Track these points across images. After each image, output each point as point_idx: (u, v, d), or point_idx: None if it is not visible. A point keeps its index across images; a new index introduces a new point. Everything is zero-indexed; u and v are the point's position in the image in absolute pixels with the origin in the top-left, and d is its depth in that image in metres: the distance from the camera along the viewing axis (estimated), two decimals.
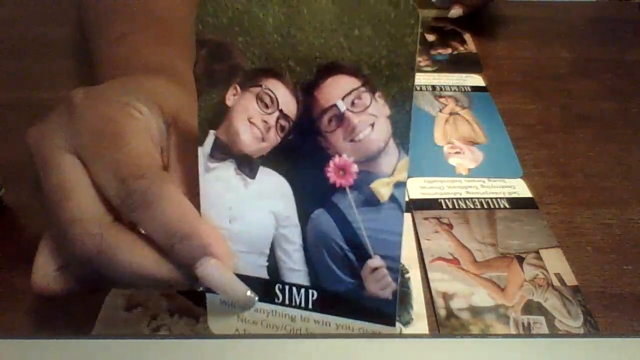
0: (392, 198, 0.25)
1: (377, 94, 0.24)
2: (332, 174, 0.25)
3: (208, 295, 0.28)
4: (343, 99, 0.25)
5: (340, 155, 0.25)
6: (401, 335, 0.28)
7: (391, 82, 0.24)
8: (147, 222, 0.25)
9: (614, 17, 0.69)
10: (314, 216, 0.26)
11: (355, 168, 0.25)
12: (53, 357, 0.25)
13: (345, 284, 0.27)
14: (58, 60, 0.58)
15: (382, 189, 0.25)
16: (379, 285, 0.26)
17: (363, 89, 0.24)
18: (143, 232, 0.26)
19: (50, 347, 0.25)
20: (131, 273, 0.25)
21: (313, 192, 0.26)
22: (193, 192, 0.27)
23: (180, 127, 0.29)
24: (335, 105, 0.25)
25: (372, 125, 0.25)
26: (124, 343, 0.26)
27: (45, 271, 0.27)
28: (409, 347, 0.26)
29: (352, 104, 0.25)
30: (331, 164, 0.25)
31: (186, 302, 0.34)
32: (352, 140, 0.25)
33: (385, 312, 0.26)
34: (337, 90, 0.25)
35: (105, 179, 0.25)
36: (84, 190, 0.26)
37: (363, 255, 0.26)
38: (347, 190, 0.26)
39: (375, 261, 0.26)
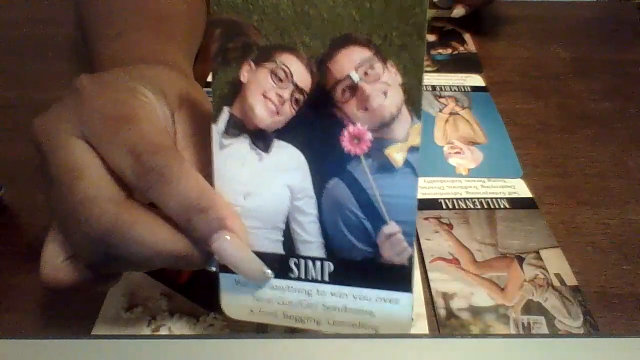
0: (406, 163, 0.26)
1: (389, 63, 0.25)
2: (346, 143, 0.26)
3: (221, 275, 0.28)
4: (356, 69, 0.25)
5: (354, 124, 0.26)
6: (401, 335, 0.28)
7: (402, 51, 0.25)
8: (164, 197, 0.25)
9: (613, 17, 0.69)
10: (329, 186, 0.27)
11: (369, 136, 0.26)
12: (53, 357, 0.25)
13: (361, 252, 0.27)
14: (58, 60, 0.58)
15: (396, 154, 0.26)
16: (395, 250, 0.26)
17: (375, 59, 0.25)
18: (156, 209, 0.26)
19: (50, 347, 0.25)
20: (146, 250, 0.25)
21: (328, 162, 0.27)
22: (202, 174, 0.27)
23: (185, 112, 0.29)
24: (349, 76, 0.26)
25: (385, 93, 0.26)
26: (124, 343, 0.26)
27: (54, 262, 0.27)
28: (409, 347, 0.26)
29: (365, 74, 0.26)
30: (345, 133, 0.26)
31: (186, 302, 0.34)
32: (365, 109, 0.26)
33: (401, 278, 0.27)
34: (350, 61, 0.25)
35: (120, 158, 0.26)
36: (95, 170, 0.26)
37: (378, 221, 0.26)
38: (362, 157, 0.26)
39: (391, 227, 0.26)
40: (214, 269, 0.28)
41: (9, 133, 0.48)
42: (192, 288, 0.34)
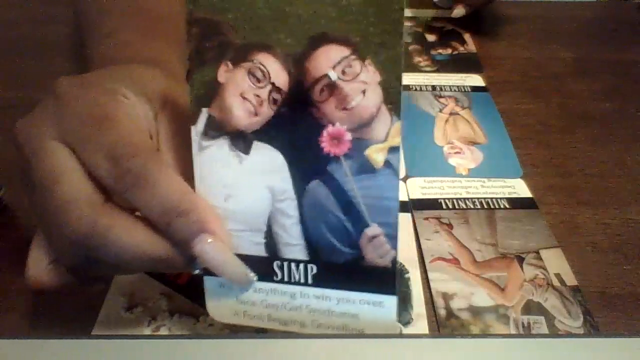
0: (387, 164, 0.26)
1: (367, 61, 0.25)
2: (326, 144, 0.26)
3: (206, 278, 0.28)
4: (334, 68, 0.25)
5: (333, 124, 0.26)
6: (401, 335, 0.28)
7: (380, 48, 0.24)
8: (143, 200, 0.25)
9: (614, 17, 0.69)
10: (310, 188, 0.27)
11: (348, 136, 0.26)
12: (53, 357, 0.25)
13: (343, 255, 0.27)
14: (58, 60, 0.58)
15: (376, 154, 0.26)
16: (378, 253, 0.26)
17: (353, 57, 0.25)
18: (137, 212, 0.26)
19: (50, 347, 0.25)
20: (126, 253, 0.25)
21: (308, 164, 0.26)
22: (185, 176, 0.27)
23: (168, 113, 0.29)
24: (326, 75, 0.25)
25: (364, 92, 0.25)
26: (124, 343, 0.26)
27: (39, 265, 0.27)
28: (409, 347, 0.26)
29: (343, 72, 0.25)
30: (325, 133, 0.26)
31: (186, 302, 0.34)
32: (344, 109, 0.25)
33: (384, 281, 0.27)
34: (328, 59, 0.25)
35: (98, 160, 0.25)
36: (74, 174, 0.26)
37: (360, 224, 0.26)
38: (342, 158, 0.26)
39: (373, 229, 0.26)
40: (197, 271, 0.27)
41: (9, 133, 0.48)
42: (192, 288, 0.34)
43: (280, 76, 0.26)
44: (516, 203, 0.42)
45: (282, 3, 0.25)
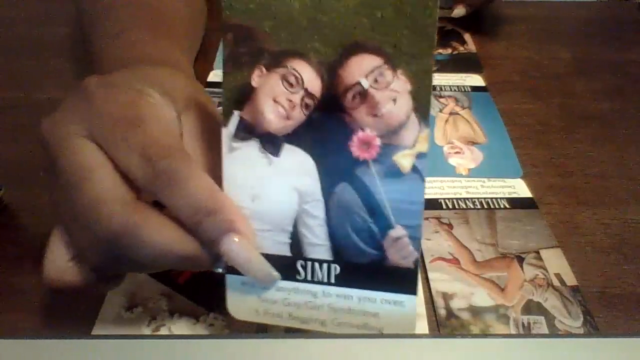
0: (414, 169, 0.26)
1: (399, 71, 0.26)
2: (355, 148, 0.27)
3: (228, 276, 0.28)
4: (366, 76, 0.26)
5: (363, 130, 0.26)
6: (401, 335, 0.28)
7: (412, 59, 0.25)
8: (174, 199, 0.25)
9: (614, 17, 0.69)
10: (338, 190, 0.27)
11: (378, 142, 0.26)
12: (53, 357, 0.25)
13: (367, 255, 0.27)
14: (58, 60, 0.58)
15: (403, 160, 0.26)
16: (401, 254, 0.27)
17: (385, 66, 0.26)
18: (164, 209, 0.26)
19: (50, 347, 0.25)
20: (156, 251, 0.25)
21: (337, 167, 0.27)
22: (210, 175, 0.27)
23: (191, 113, 0.29)
24: (359, 83, 0.26)
25: (394, 100, 0.26)
26: (124, 343, 0.26)
27: (58, 263, 0.27)
28: (410, 347, 0.26)
29: (375, 81, 0.26)
30: (355, 138, 0.27)
31: (186, 302, 0.34)
32: (375, 115, 0.26)
33: (406, 281, 0.27)
34: (361, 68, 0.26)
35: (129, 160, 0.26)
36: (104, 171, 0.26)
37: (385, 225, 0.27)
38: (370, 163, 0.27)
39: (397, 231, 0.27)
40: (220, 270, 0.28)
41: (9, 133, 0.48)
42: (192, 288, 0.34)
43: (313, 82, 0.26)
44: (516, 203, 0.42)
45: (317, 12, 0.25)
